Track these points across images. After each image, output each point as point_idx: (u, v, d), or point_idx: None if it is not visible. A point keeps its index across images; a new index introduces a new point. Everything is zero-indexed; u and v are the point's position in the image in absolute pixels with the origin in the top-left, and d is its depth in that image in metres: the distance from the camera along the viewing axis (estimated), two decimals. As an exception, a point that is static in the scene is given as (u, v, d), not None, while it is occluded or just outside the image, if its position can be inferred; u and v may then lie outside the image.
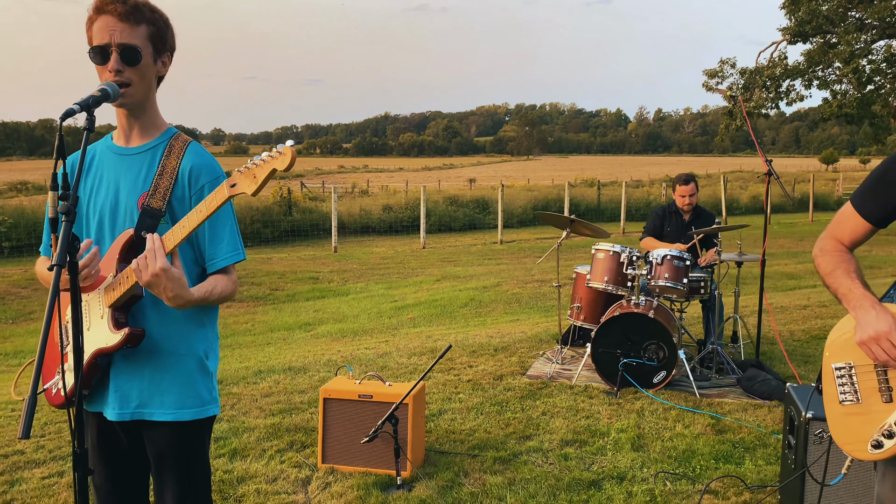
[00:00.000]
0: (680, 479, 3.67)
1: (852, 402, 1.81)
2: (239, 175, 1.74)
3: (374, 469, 3.74)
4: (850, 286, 1.86)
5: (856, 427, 1.79)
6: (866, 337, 1.74)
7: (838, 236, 1.96)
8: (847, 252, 1.94)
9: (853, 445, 1.81)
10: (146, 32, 1.92)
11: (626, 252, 5.35)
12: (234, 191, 1.74)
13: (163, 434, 2.00)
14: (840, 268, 1.90)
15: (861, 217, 1.91)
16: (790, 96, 20.34)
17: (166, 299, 1.83)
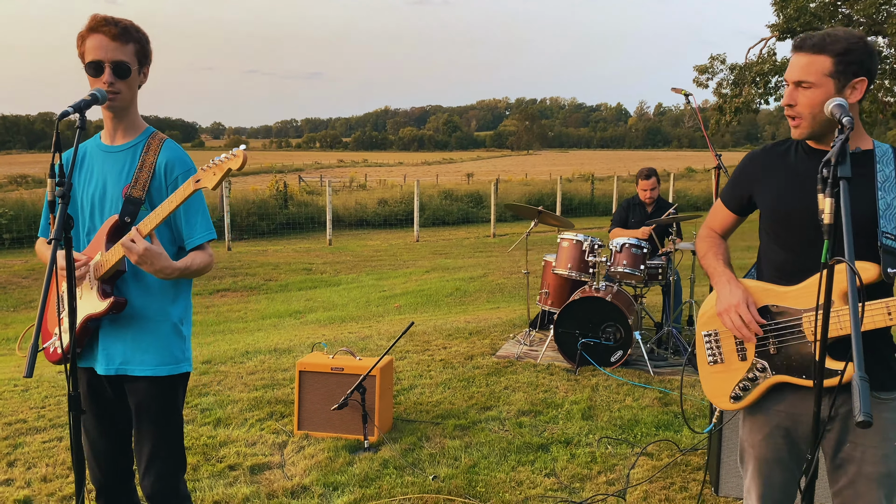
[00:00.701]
0: (621, 444, 4.05)
1: (717, 363, 2.15)
2: (203, 172, 2.12)
3: (345, 435, 4.12)
4: (716, 266, 2.19)
5: (720, 383, 2.14)
6: (721, 309, 2.08)
7: (712, 225, 2.31)
8: (718, 238, 2.28)
9: (719, 399, 2.17)
10: (133, 50, 2.29)
11: (587, 241, 5.72)
12: (198, 185, 2.13)
13: (142, 387, 2.38)
14: (711, 251, 2.24)
15: (726, 209, 2.25)
16: (779, 92, 20.63)
17: (154, 272, 2.22)
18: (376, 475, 3.65)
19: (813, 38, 1.93)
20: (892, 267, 1.89)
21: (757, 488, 2.13)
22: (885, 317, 1.88)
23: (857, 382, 1.40)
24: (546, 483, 3.57)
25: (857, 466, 1.94)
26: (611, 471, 3.71)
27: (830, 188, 1.70)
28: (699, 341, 2.22)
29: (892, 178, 1.95)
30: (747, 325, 2.00)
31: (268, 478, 3.64)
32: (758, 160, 2.16)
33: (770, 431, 2.05)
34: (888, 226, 1.90)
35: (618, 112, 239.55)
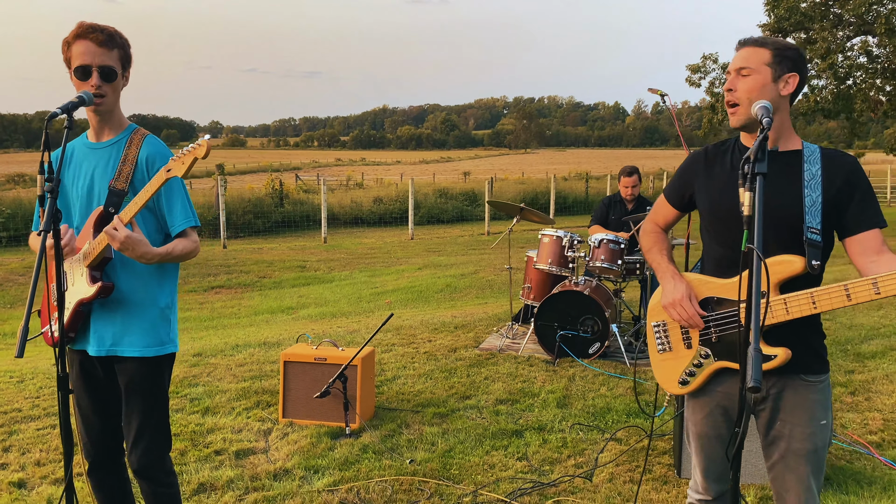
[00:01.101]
0: (592, 430, 4.22)
1: (666, 351, 2.31)
2: (173, 162, 2.29)
3: (328, 422, 4.29)
4: (660, 261, 2.34)
5: (669, 370, 2.30)
6: (666, 302, 2.23)
7: (656, 220, 2.45)
8: (662, 233, 2.43)
9: (668, 384, 2.32)
10: (118, 55, 2.46)
11: (567, 237, 5.89)
12: (169, 174, 2.29)
13: (131, 367, 2.54)
14: (655, 246, 2.39)
15: (669, 205, 2.40)
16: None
17: (136, 258, 2.37)
18: (356, 459, 3.82)
19: (755, 37, 2.12)
20: (815, 259, 2.04)
21: (700, 462, 2.30)
22: (809, 306, 2.04)
23: (751, 353, 1.57)
24: (517, 466, 3.74)
25: (787, 443, 2.09)
26: (580, 455, 3.89)
27: (750, 183, 1.86)
28: (649, 332, 2.37)
29: (817, 177, 2.09)
30: (690, 317, 2.15)
31: (252, 462, 3.81)
32: (699, 160, 2.29)
33: (710, 411, 2.21)
34: (813, 221, 2.04)
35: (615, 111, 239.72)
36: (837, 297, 1.96)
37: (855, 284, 1.95)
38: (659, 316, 2.33)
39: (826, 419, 2.11)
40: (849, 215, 2.05)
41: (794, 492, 2.09)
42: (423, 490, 3.48)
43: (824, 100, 20.26)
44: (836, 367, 5.39)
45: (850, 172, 2.07)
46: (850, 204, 2.05)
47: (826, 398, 2.13)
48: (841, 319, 6.98)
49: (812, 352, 2.14)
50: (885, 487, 3.46)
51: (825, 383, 2.13)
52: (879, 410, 4.50)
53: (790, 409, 2.10)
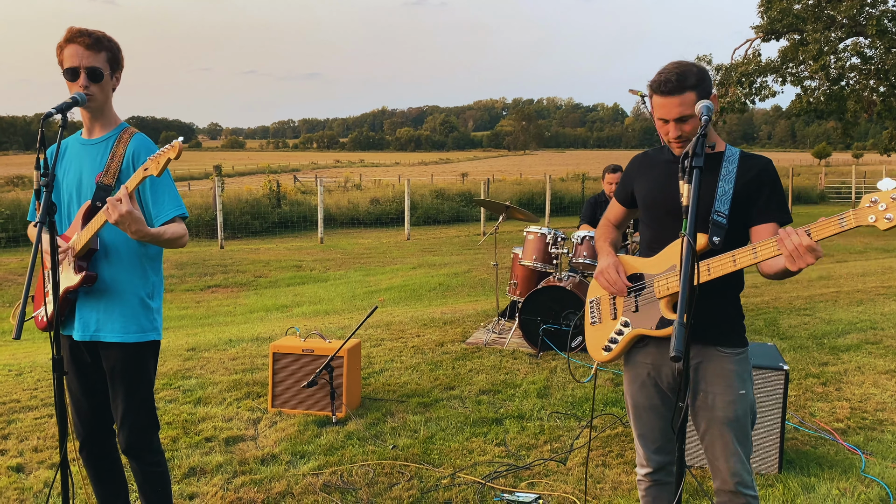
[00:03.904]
0: (569, 418, 4.39)
1: (597, 323, 2.53)
2: (150, 161, 2.44)
3: (315, 412, 4.45)
4: (602, 245, 2.62)
5: (597, 340, 2.52)
6: (596, 273, 2.50)
7: (608, 217, 2.71)
8: (612, 227, 2.69)
9: (596, 352, 2.53)
10: (105, 57, 2.62)
11: (551, 234, 6.06)
12: (146, 173, 2.43)
13: (114, 352, 2.70)
14: (602, 236, 2.66)
15: (618, 203, 2.64)
16: (763, 93, 21.02)
17: (130, 233, 2.47)
18: (340, 445, 3.98)
19: (671, 83, 2.24)
20: (717, 236, 2.26)
21: (637, 431, 2.49)
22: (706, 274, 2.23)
23: (676, 327, 1.74)
24: (495, 451, 3.90)
25: (710, 412, 2.28)
26: (556, 441, 4.05)
27: (688, 175, 2.04)
28: (586, 308, 2.62)
29: (732, 173, 2.33)
30: (615, 282, 2.38)
31: (241, 448, 3.97)
32: (637, 162, 2.57)
33: (642, 382, 2.40)
34: (722, 207, 2.27)
35: (614, 112, 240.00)
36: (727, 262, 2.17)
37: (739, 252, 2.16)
38: (594, 293, 2.58)
39: (745, 389, 2.29)
40: (755, 208, 2.28)
41: (722, 458, 2.27)
42: (404, 473, 3.64)
43: (817, 100, 20.46)
44: (811, 359, 5.55)
45: (761, 170, 2.30)
46: (759, 198, 2.28)
47: (744, 370, 2.31)
48: (821, 314, 7.14)
49: (730, 326, 2.35)
50: (845, 470, 3.62)
51: (743, 356, 2.32)
52: (848, 399, 4.66)
53: (711, 379, 2.31)
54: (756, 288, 8.78)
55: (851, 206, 2.12)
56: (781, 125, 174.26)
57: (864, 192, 29.57)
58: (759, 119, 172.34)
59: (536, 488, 3.49)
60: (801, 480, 3.51)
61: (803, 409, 4.52)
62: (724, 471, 2.28)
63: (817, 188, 32.86)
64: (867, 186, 29.92)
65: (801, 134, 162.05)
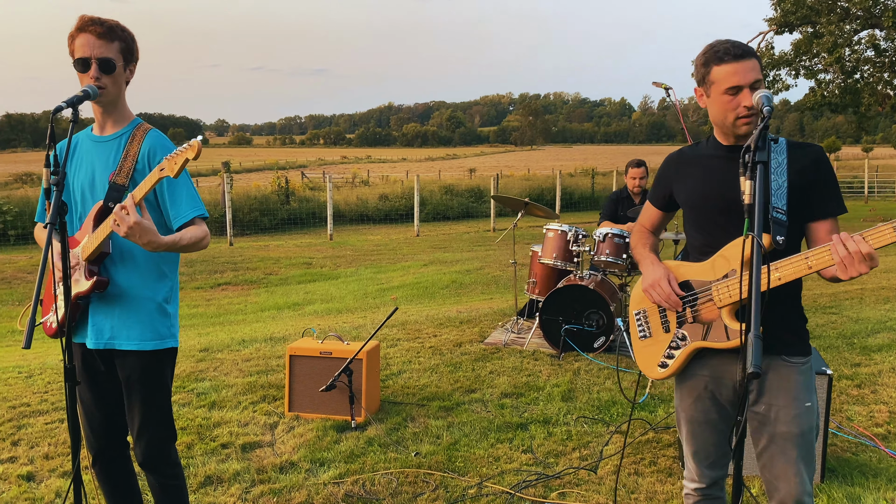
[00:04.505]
0: (597, 423, 4.23)
1: (646, 337, 2.34)
2: (166, 161, 2.28)
3: (334, 416, 4.31)
4: (642, 251, 2.42)
5: (649, 356, 2.33)
6: (646, 285, 2.29)
7: (643, 222, 2.53)
8: (648, 232, 2.51)
9: (650, 370, 2.34)
10: (118, 48, 2.47)
11: (572, 231, 5.89)
12: (162, 174, 2.28)
13: (130, 361, 2.55)
14: (639, 243, 2.47)
15: (653, 206, 2.47)
16: (776, 86, 20.74)
17: (142, 244, 2.32)
18: (361, 452, 3.84)
19: (740, 46, 2.09)
20: (780, 235, 2.09)
21: (691, 448, 2.31)
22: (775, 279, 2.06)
23: (752, 340, 1.57)
24: (522, 458, 3.75)
25: (773, 427, 2.11)
26: (585, 447, 3.89)
27: (750, 171, 1.87)
28: (631, 320, 2.43)
29: (783, 164, 2.16)
30: (668, 295, 2.20)
31: (258, 455, 3.83)
32: (673, 162, 2.38)
33: (698, 395, 2.23)
34: (778, 202, 2.10)
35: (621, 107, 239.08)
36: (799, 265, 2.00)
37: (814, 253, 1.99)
38: (640, 304, 2.39)
39: (811, 401, 2.13)
40: (812, 202, 2.13)
41: (783, 477, 2.10)
42: (428, 482, 3.49)
43: (831, 94, 20.16)
44: (843, 360, 5.37)
45: (816, 160, 2.15)
46: (815, 190, 2.13)
47: (809, 381, 2.15)
48: (847, 313, 6.95)
49: (795, 334, 2.18)
50: (890, 479, 3.45)
51: (807, 366, 2.16)
52: (885, 403, 4.49)
53: (774, 391, 2.14)
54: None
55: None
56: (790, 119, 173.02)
57: (878, 186, 29.25)
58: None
59: (567, 499, 3.34)
60: (845, 490, 3.34)
61: (839, 412, 4.35)
62: (784, 491, 2.10)
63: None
64: (879, 181, 29.56)
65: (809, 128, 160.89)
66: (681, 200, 2.32)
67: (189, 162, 2.23)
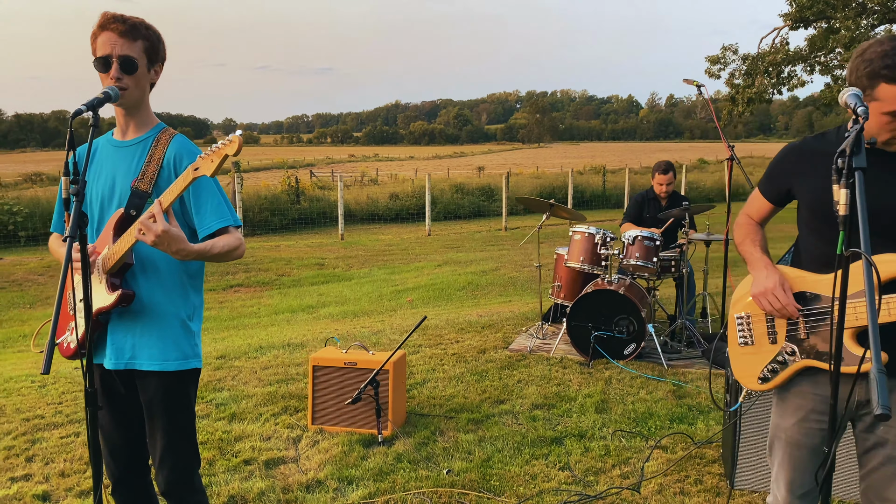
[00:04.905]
0: (635, 437, 4.04)
1: (747, 345, 2.17)
2: (201, 160, 2.10)
3: (359, 429, 4.14)
4: (752, 252, 2.22)
5: (749, 365, 2.16)
6: (757, 291, 2.10)
7: (749, 213, 2.31)
8: (756, 226, 2.29)
9: (747, 379, 2.18)
10: (142, 46, 2.30)
11: (600, 234, 5.69)
12: (196, 173, 2.10)
13: (151, 382, 2.38)
14: (748, 238, 2.26)
15: (763, 198, 2.25)
16: (791, 82, 20.45)
17: (171, 253, 2.16)
18: (390, 469, 3.66)
19: None
20: None
21: (786, 474, 2.12)
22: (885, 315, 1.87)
23: (875, 375, 1.39)
24: (560, 477, 3.57)
25: (890, 449, 1.94)
26: (625, 464, 3.71)
27: (846, 179, 1.68)
28: (731, 323, 2.25)
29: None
30: (784, 306, 2.02)
31: (283, 472, 3.66)
32: (796, 154, 2.15)
33: (804, 416, 2.05)
34: None
35: (629, 104, 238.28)
36: None
37: None
38: (744, 307, 2.21)
39: None
40: None
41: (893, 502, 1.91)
42: (463, 503, 3.32)
43: (848, 90, 19.84)
44: None
45: None
46: None
47: None
48: None
49: None
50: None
51: None
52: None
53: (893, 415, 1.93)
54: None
55: None
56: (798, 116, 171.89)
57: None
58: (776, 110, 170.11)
59: (612, 521, 3.16)
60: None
61: None
62: None
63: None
64: None
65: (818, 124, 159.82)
66: (803, 201, 2.11)
67: (228, 159, 2.05)
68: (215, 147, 2.11)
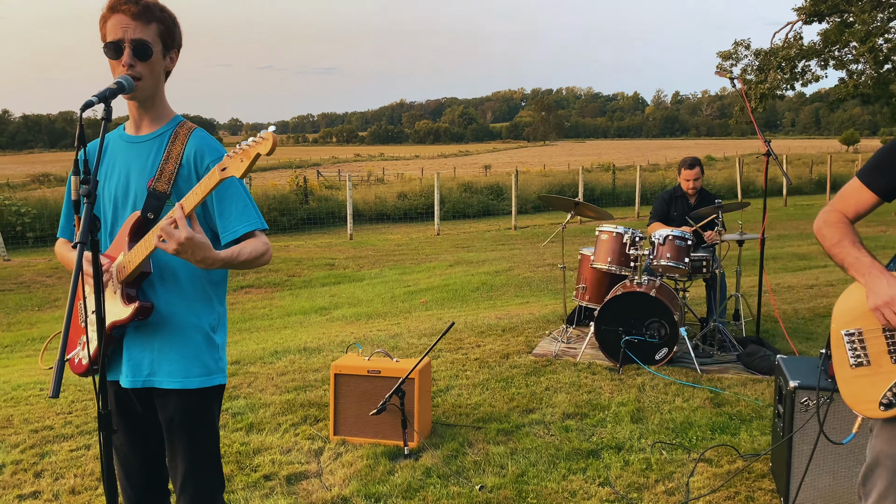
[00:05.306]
0: (676, 449, 3.81)
1: (863, 365, 1.92)
2: (229, 159, 1.88)
3: (383, 440, 3.93)
4: (858, 255, 1.96)
5: (866, 388, 1.91)
6: (881, 303, 1.84)
7: (842, 209, 2.06)
8: (850, 224, 2.04)
9: (864, 405, 1.92)
10: (156, 30, 2.08)
11: (628, 233, 5.47)
12: (224, 174, 1.88)
13: (172, 401, 2.17)
14: (847, 238, 2.00)
15: (869, 190, 2.00)
16: (805, 77, 20.13)
17: (195, 262, 1.94)
18: (419, 485, 3.45)
19: None
20: None
21: None
22: None
23: None
24: (601, 493, 3.35)
25: None
26: (668, 479, 3.48)
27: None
28: (837, 341, 1.99)
29: None
30: None
31: (305, 488, 3.45)
32: None
33: None
34: None
35: (635, 101, 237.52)
36: None
37: None
38: (853, 322, 1.95)
39: None
40: None
41: None
42: (500, 523, 3.10)
43: (864, 85, 19.53)
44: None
45: None
46: None
47: None
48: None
49: None
50: None
51: None
52: None
53: None
54: (831, 286, 8.11)
55: None
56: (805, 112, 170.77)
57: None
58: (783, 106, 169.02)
59: (661, 543, 2.93)
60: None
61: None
62: None
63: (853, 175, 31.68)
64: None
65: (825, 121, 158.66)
66: None
67: (260, 159, 1.84)
68: (245, 145, 1.89)
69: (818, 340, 5.73)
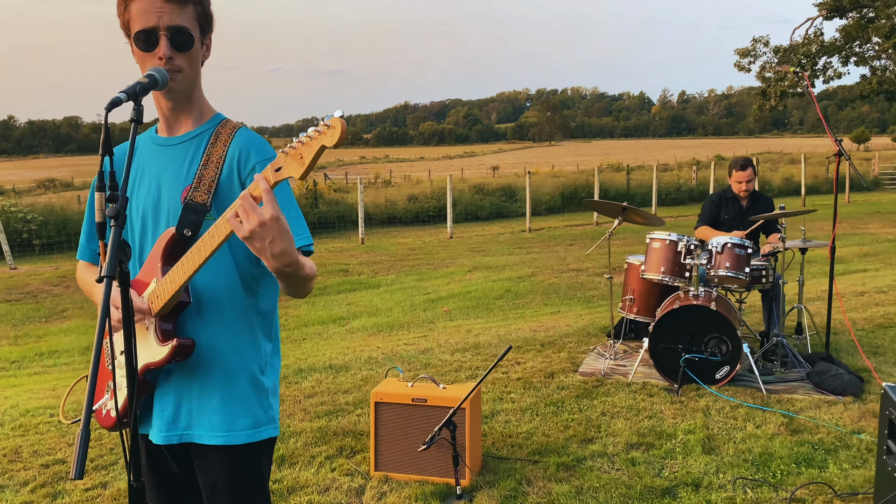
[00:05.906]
0: (761, 486, 3.41)
1: None
2: (284, 157, 1.47)
3: (431, 477, 3.53)
4: None
5: None
6: None
7: None
8: None
9: None
10: (193, 13, 1.70)
11: (683, 241, 5.06)
12: (279, 175, 1.47)
13: (214, 460, 1.79)
14: None
15: None
16: (827, 74, 19.70)
17: (270, 255, 1.50)
18: (479, 533, 3.05)
19: None
20: None
21: None
22: None
23: None
24: (688, 543, 2.94)
25: None
26: (761, 524, 3.08)
27: None
28: None
29: None
30: None
31: (350, 537, 3.06)
32: None
33: None
34: None
35: (640, 101, 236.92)
36: None
37: None
38: None
39: None
40: None
41: None
42: (579, 581, 2.70)
43: (888, 81, 19.09)
44: None
45: None
46: None
47: None
48: None
49: None
50: None
51: None
52: None
53: None
54: (883, 293, 7.68)
55: None
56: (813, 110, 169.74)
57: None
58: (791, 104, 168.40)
59: None
60: None
61: None
62: None
63: (870, 174, 31.18)
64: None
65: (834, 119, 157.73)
66: None
67: (325, 152, 1.43)
68: (304, 137, 1.46)
69: (887, 355, 5.31)
